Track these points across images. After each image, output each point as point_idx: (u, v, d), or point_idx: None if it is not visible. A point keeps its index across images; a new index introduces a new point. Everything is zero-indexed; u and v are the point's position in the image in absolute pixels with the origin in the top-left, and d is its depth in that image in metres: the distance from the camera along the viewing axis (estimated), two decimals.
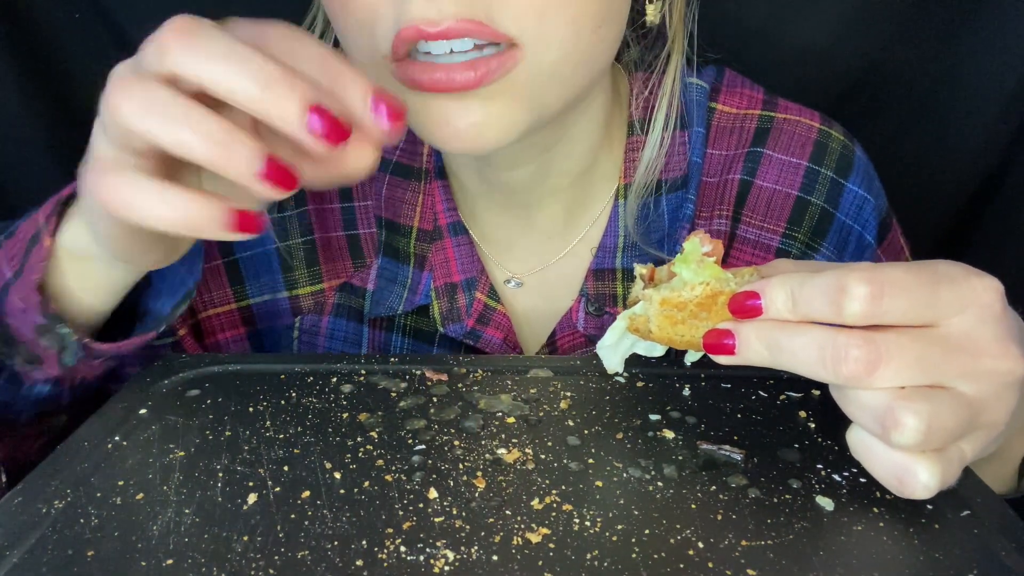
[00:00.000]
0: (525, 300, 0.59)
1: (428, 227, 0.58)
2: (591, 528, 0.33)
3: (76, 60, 0.79)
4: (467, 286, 0.57)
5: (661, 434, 0.40)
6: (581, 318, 0.56)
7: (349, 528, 0.33)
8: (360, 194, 0.60)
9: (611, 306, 0.56)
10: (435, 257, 0.58)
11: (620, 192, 0.56)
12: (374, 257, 0.60)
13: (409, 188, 0.58)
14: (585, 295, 0.56)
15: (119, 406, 0.43)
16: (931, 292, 0.32)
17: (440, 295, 0.57)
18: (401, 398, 0.44)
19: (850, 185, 0.56)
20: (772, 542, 0.33)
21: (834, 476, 0.37)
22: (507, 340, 0.57)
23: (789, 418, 0.42)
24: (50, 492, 0.35)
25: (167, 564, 0.31)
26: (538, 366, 0.47)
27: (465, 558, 0.31)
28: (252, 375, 0.46)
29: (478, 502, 0.35)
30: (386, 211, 0.59)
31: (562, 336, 0.57)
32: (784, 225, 0.57)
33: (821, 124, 0.58)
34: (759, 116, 0.58)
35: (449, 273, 0.57)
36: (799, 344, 0.33)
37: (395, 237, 0.58)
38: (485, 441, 0.40)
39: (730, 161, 0.57)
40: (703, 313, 0.37)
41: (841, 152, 0.57)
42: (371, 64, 0.43)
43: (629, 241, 0.56)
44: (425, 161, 0.58)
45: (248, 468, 0.37)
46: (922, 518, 0.34)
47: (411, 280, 0.58)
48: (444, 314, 0.57)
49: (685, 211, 0.56)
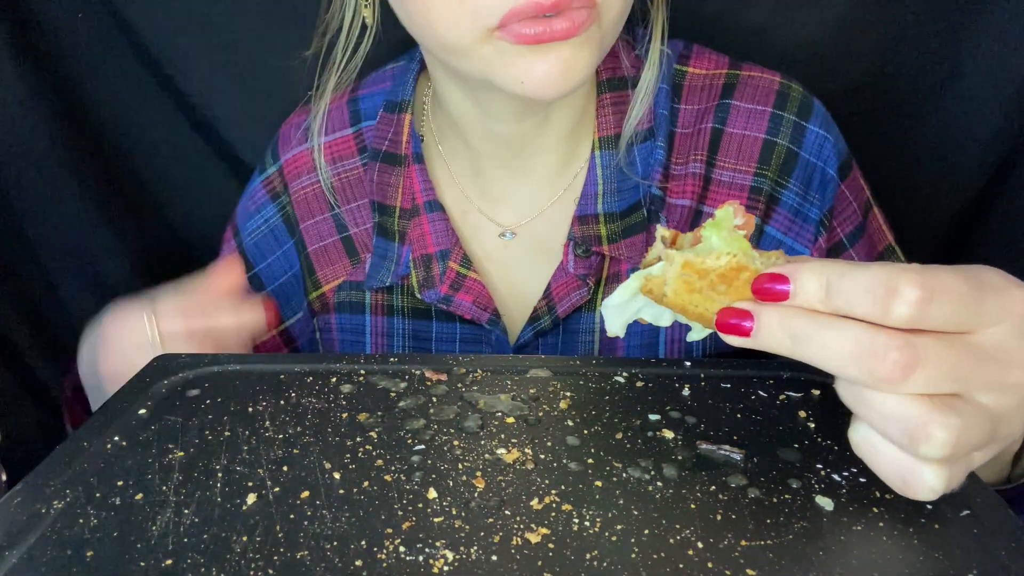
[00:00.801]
0: (519, 249, 0.65)
1: (408, 206, 0.65)
2: (590, 528, 0.33)
3: (79, 60, 0.79)
4: (441, 256, 0.64)
5: (661, 434, 0.40)
6: (571, 260, 0.62)
7: (348, 528, 0.33)
8: (345, 199, 0.68)
9: (596, 245, 0.61)
10: (413, 232, 0.64)
11: (595, 144, 0.63)
12: (368, 252, 0.66)
13: (394, 173, 0.66)
14: (572, 239, 0.61)
15: (118, 406, 0.43)
16: (977, 301, 0.31)
17: (417, 265, 0.64)
18: (400, 398, 0.43)
19: (811, 126, 0.61)
20: (772, 542, 0.32)
21: (834, 476, 0.37)
22: (476, 303, 0.63)
23: (789, 418, 0.42)
24: (49, 492, 0.35)
25: (166, 564, 0.31)
26: (537, 366, 0.47)
27: (464, 558, 0.31)
28: (251, 375, 0.46)
29: (477, 502, 0.35)
30: (377, 195, 0.66)
31: (557, 286, 0.62)
32: (755, 165, 0.62)
33: (782, 79, 0.63)
34: (726, 74, 0.63)
35: (425, 245, 0.64)
36: (831, 338, 0.32)
37: (385, 218, 0.66)
38: (484, 441, 0.40)
39: (702, 114, 0.63)
40: (722, 286, 0.35)
41: (801, 100, 0.62)
42: (462, 38, 0.49)
43: (609, 187, 0.62)
44: (404, 148, 0.65)
45: (247, 468, 0.37)
46: (922, 518, 0.34)
47: (396, 254, 0.65)
48: (421, 282, 0.64)
49: (656, 157, 0.62)
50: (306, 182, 0.69)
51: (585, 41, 0.50)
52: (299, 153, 0.69)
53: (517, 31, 0.48)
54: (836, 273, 0.32)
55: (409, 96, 0.66)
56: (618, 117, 0.63)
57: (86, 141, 0.82)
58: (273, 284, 0.72)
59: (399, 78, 0.67)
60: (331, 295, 0.68)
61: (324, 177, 0.67)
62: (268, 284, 0.71)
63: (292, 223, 0.69)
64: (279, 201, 0.70)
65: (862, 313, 0.31)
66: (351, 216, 0.67)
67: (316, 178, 0.68)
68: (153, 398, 0.44)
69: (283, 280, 0.71)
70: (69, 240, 0.83)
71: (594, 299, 0.62)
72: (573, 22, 0.48)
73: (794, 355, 0.33)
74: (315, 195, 0.68)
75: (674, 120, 0.63)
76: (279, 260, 0.71)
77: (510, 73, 0.50)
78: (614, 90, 0.63)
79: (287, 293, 0.71)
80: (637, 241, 0.61)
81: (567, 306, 0.61)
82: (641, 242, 0.61)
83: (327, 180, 0.67)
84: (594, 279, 0.61)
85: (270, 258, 0.71)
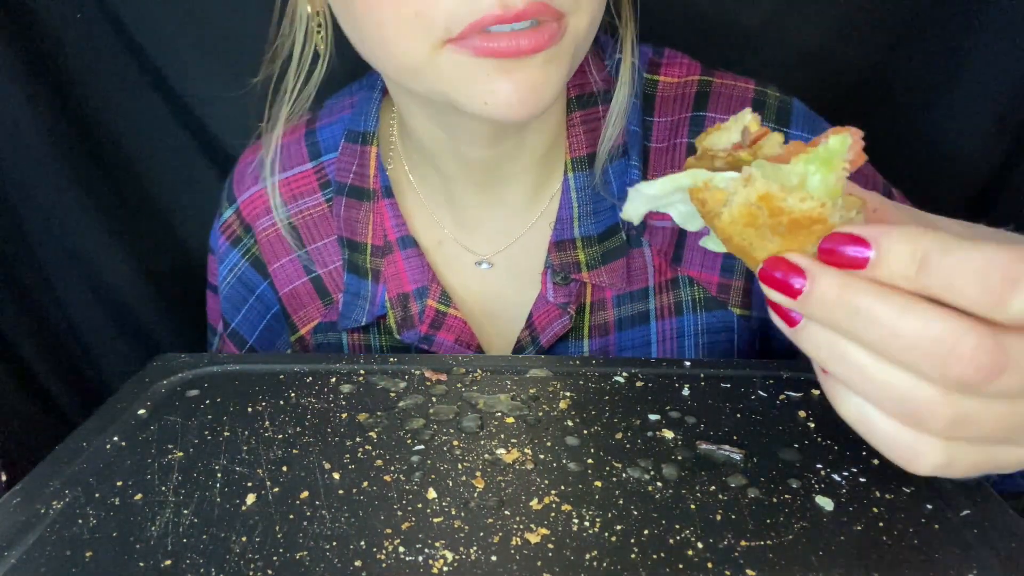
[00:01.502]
0: (497, 278, 0.62)
1: (379, 243, 0.62)
2: (590, 528, 0.33)
3: (78, 60, 0.79)
4: (418, 294, 0.61)
5: (660, 434, 0.40)
6: (550, 288, 0.59)
7: (348, 528, 0.33)
8: (310, 238, 0.64)
9: (575, 273, 0.58)
10: (387, 270, 0.61)
11: (568, 166, 0.60)
12: (339, 291, 0.64)
13: (362, 208, 0.62)
14: (550, 266, 0.59)
15: (118, 406, 0.43)
16: None
17: (394, 305, 0.61)
18: (400, 398, 0.43)
19: (792, 132, 0.59)
20: (772, 542, 0.32)
21: (834, 476, 0.37)
22: (458, 341, 0.60)
23: (789, 418, 0.42)
24: (49, 493, 0.35)
25: (165, 565, 0.31)
26: (537, 366, 0.47)
27: (464, 558, 0.31)
28: (251, 375, 0.46)
29: (477, 502, 0.35)
30: (345, 230, 0.63)
31: (539, 315, 0.60)
32: None
33: (756, 86, 0.61)
34: (698, 81, 0.61)
35: (401, 284, 0.61)
36: (912, 326, 0.27)
37: (355, 255, 0.63)
38: (484, 441, 0.40)
39: (676, 126, 0.60)
40: (783, 228, 0.29)
41: (779, 106, 0.59)
42: (418, 54, 0.46)
43: (584, 209, 0.59)
44: (372, 182, 0.62)
45: (247, 468, 0.37)
46: (922, 518, 0.34)
47: (370, 293, 0.62)
48: (399, 322, 0.61)
49: (631, 177, 0.59)
50: (267, 223, 0.65)
51: (553, 57, 0.46)
52: (256, 193, 0.65)
53: (477, 44, 0.44)
54: (938, 247, 0.27)
55: (373, 127, 0.62)
56: (590, 136, 0.59)
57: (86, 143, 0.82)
58: (254, 335, 0.68)
59: (361, 106, 0.63)
60: (309, 337, 0.65)
61: (282, 217, 0.63)
62: (249, 336, 0.68)
63: (261, 265, 0.66)
64: (242, 245, 0.66)
65: (966, 302, 0.26)
66: (318, 256, 0.64)
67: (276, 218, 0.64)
68: (153, 398, 0.44)
69: (263, 326, 0.67)
70: (69, 240, 0.83)
71: (580, 327, 0.59)
72: (540, 36, 0.44)
73: (838, 341, 0.29)
74: (278, 236, 0.65)
75: (647, 135, 0.60)
76: (254, 307, 0.68)
77: (473, 92, 0.46)
78: (584, 107, 0.59)
79: (271, 337, 0.68)
80: (618, 267, 0.58)
81: (550, 335, 0.58)
82: (622, 268, 0.58)
83: (284, 221, 0.64)
84: (575, 306, 0.58)
85: (243, 309, 0.68)
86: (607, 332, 0.59)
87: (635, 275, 0.59)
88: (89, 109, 0.81)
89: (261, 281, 0.67)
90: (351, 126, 0.63)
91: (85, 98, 0.81)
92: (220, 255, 0.68)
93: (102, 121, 0.82)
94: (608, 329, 0.59)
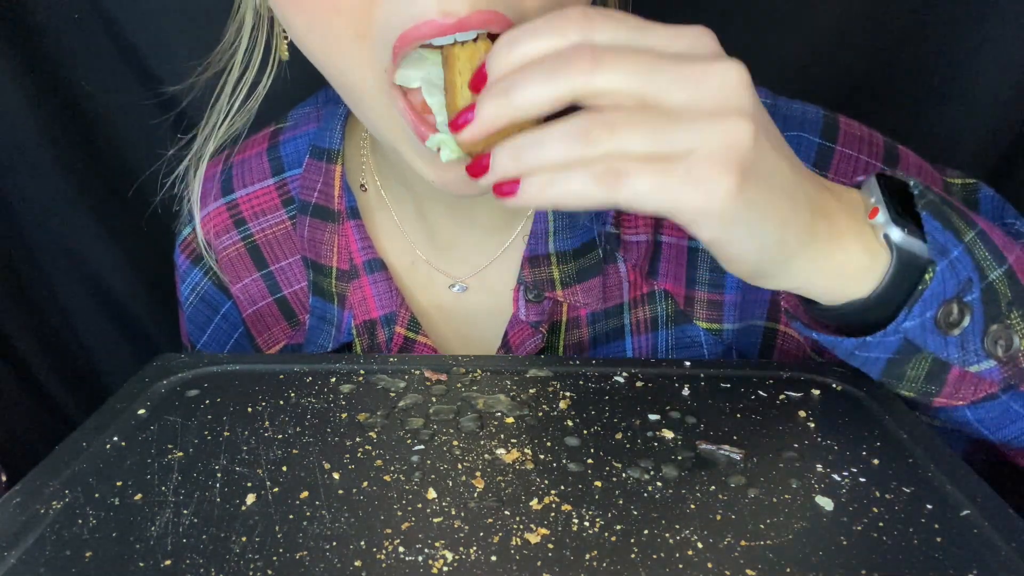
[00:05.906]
0: (472, 301, 0.60)
1: (345, 267, 0.59)
2: (590, 528, 0.33)
3: (76, 60, 0.79)
4: (386, 321, 0.58)
5: (660, 434, 0.40)
6: (522, 306, 0.56)
7: (348, 529, 0.33)
8: (273, 257, 0.61)
9: (549, 291, 0.56)
10: (353, 296, 0.59)
11: None
12: (305, 312, 0.61)
13: (327, 230, 0.59)
14: (523, 283, 0.56)
15: (118, 406, 0.43)
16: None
17: (361, 332, 0.59)
18: (400, 398, 0.43)
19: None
20: (772, 542, 0.32)
21: (834, 476, 0.37)
22: None
23: (789, 418, 0.42)
24: (48, 493, 0.35)
25: (165, 565, 0.31)
26: (537, 366, 0.47)
27: (464, 558, 0.31)
28: (251, 375, 0.46)
29: (477, 502, 0.35)
30: (310, 252, 0.60)
31: (513, 334, 0.57)
32: None
33: None
34: None
35: (368, 310, 0.58)
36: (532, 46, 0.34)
37: (320, 277, 0.60)
38: (484, 441, 0.40)
39: None
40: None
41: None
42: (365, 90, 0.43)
43: (560, 223, 0.56)
44: (337, 203, 0.59)
45: (247, 468, 0.37)
46: (922, 518, 0.34)
47: (336, 318, 0.60)
48: (365, 350, 0.58)
49: None
50: (227, 241, 0.62)
51: None
52: (216, 210, 0.63)
53: None
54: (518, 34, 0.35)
55: (338, 145, 0.59)
56: None
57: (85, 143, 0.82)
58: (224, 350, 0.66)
59: (326, 121, 0.60)
60: None
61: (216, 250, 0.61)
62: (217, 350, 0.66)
63: (224, 285, 0.64)
64: (203, 264, 0.64)
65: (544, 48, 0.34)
66: (282, 275, 0.61)
67: (237, 236, 0.62)
68: (152, 398, 0.44)
69: (231, 345, 0.65)
70: (68, 241, 0.83)
71: (554, 345, 0.57)
72: None
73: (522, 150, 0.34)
74: (239, 255, 0.62)
75: None
76: (220, 327, 0.65)
77: (418, 160, 0.44)
78: None
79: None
80: (593, 286, 0.56)
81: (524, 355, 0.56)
82: (598, 286, 0.56)
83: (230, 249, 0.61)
84: (547, 325, 0.56)
85: (209, 328, 0.66)
86: (582, 350, 0.58)
87: (610, 292, 0.57)
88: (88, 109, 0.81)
89: (225, 300, 0.64)
90: (316, 141, 0.60)
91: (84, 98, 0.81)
92: (182, 273, 0.65)
93: (101, 121, 0.82)
94: (583, 347, 0.58)
